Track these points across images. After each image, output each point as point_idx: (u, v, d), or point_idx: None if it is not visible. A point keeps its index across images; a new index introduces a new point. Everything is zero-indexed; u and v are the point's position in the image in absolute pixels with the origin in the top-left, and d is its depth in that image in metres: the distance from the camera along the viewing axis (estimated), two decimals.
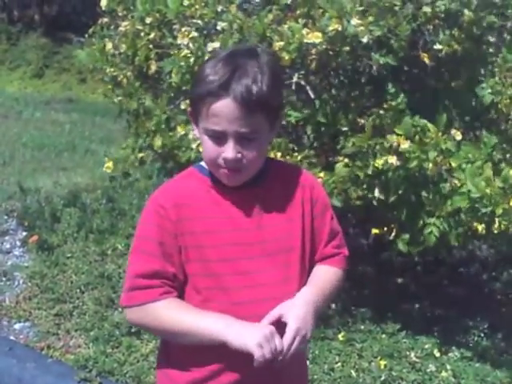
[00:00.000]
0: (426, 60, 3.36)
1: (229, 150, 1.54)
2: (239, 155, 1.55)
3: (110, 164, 3.96)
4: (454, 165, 3.29)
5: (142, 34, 3.75)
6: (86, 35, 4.73)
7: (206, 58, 3.22)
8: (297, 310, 1.59)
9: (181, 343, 1.63)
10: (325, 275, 1.75)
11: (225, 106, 1.50)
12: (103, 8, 4.32)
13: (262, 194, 1.66)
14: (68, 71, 12.00)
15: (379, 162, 3.19)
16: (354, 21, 3.03)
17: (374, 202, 3.32)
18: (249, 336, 1.51)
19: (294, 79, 3.39)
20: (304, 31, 3.05)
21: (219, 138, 1.55)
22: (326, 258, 1.77)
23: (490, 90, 3.54)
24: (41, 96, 10.85)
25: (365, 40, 3.07)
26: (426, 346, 3.85)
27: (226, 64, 1.55)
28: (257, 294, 1.60)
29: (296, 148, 3.40)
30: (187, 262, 1.61)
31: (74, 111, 9.89)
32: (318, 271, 1.75)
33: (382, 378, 3.51)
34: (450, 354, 3.83)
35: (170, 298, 1.60)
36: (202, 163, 1.71)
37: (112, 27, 4.36)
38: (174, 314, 1.59)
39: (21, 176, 6.34)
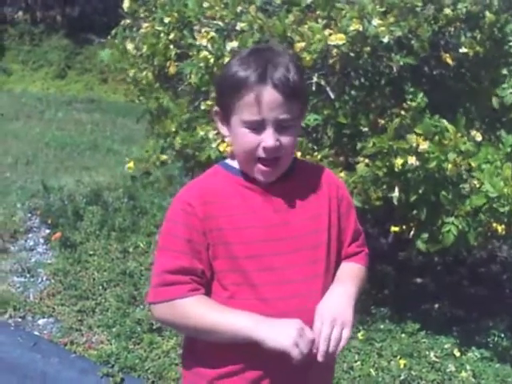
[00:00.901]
0: (449, 61, 3.36)
1: (269, 138, 1.57)
2: (278, 143, 1.58)
3: (132, 164, 4.02)
4: (473, 165, 3.30)
5: (162, 34, 3.80)
6: (108, 36, 4.79)
7: (226, 58, 3.27)
8: (337, 302, 1.62)
9: (207, 340, 1.65)
10: (353, 271, 1.77)
11: (264, 94, 1.54)
12: (125, 10, 4.38)
13: (290, 190, 1.68)
14: (90, 72, 12.11)
15: (399, 162, 3.20)
16: (375, 21, 3.05)
17: (395, 202, 3.33)
18: (282, 336, 1.52)
19: (314, 79, 3.41)
20: (326, 32, 3.07)
21: (258, 127, 1.57)
22: (350, 255, 1.80)
23: (511, 91, 3.54)
24: (63, 96, 10.96)
25: (385, 40, 3.08)
26: (446, 346, 3.86)
27: (256, 57, 1.60)
28: (284, 291, 1.62)
29: (316, 148, 3.41)
30: (215, 259, 1.62)
31: (96, 111, 9.97)
32: (346, 268, 1.77)
33: (402, 378, 3.52)
34: (470, 354, 3.83)
35: (198, 295, 1.61)
36: (227, 161, 1.74)
37: (134, 29, 4.41)
38: (202, 311, 1.60)
39: (44, 175, 6.42)
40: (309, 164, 2.00)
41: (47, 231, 5.14)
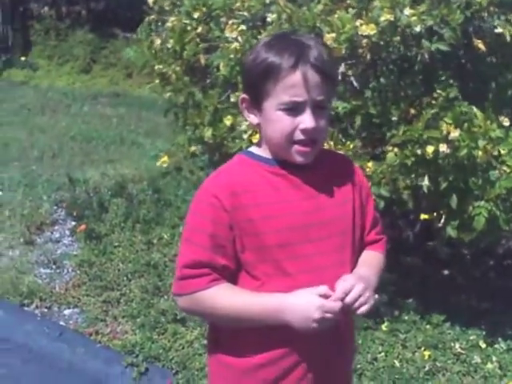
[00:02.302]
0: (481, 46, 3.30)
1: (308, 119, 1.57)
2: (316, 124, 1.58)
3: (166, 158, 4.02)
4: (502, 152, 3.26)
5: (189, 28, 3.79)
6: (134, 35, 4.79)
7: None
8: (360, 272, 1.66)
9: (235, 328, 1.65)
10: (373, 259, 1.79)
11: (305, 75, 1.54)
12: (150, 5, 4.38)
13: (317, 177, 1.67)
14: (114, 66, 12.13)
15: (429, 151, 3.17)
16: (407, 11, 3.01)
17: (425, 190, 3.29)
18: (301, 324, 1.54)
19: (341, 69, 3.38)
20: (357, 23, 3.03)
21: (296, 109, 1.57)
22: (369, 243, 1.81)
23: None
24: (88, 91, 11.00)
25: (417, 30, 3.04)
26: (472, 338, 3.81)
27: (287, 40, 1.62)
28: (315, 278, 1.60)
29: (343, 138, 3.38)
30: (243, 251, 1.61)
31: (121, 105, 10.00)
32: (367, 255, 1.78)
33: (426, 369, 3.49)
34: (496, 346, 3.77)
35: (220, 285, 1.61)
36: (251, 149, 1.73)
37: (159, 23, 4.41)
38: (225, 299, 1.60)
39: (69, 168, 6.46)
40: (330, 152, 2.01)
41: (73, 223, 5.17)
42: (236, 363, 1.69)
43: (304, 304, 1.54)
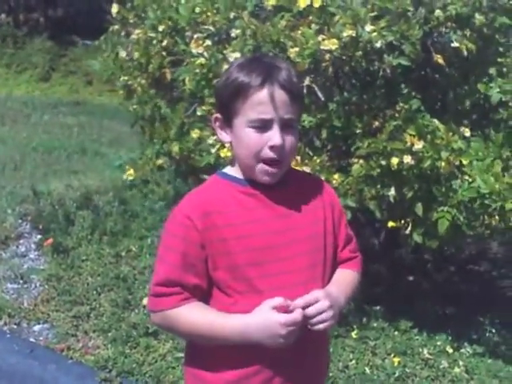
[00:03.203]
0: (440, 61, 3.41)
1: (276, 137, 1.61)
2: (283, 142, 1.62)
3: (132, 171, 4.03)
4: (464, 162, 3.37)
5: (155, 41, 3.81)
6: (96, 42, 4.79)
7: (222, 64, 3.30)
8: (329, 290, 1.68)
9: (208, 345, 1.68)
10: (345, 277, 1.83)
11: (272, 94, 1.59)
12: (113, 15, 4.39)
13: (288, 197, 1.72)
14: (74, 74, 12.08)
15: (394, 162, 3.26)
16: (368, 27, 3.09)
17: (391, 200, 3.39)
18: (269, 342, 1.58)
19: (306, 82, 3.45)
20: (320, 38, 3.11)
21: (264, 127, 1.61)
22: (343, 261, 1.85)
23: (498, 90, 3.60)
24: (48, 99, 10.91)
25: (378, 45, 3.13)
26: (439, 343, 3.91)
27: (258, 62, 1.68)
28: (286, 295, 1.63)
29: (310, 151, 3.45)
30: (215, 270, 1.65)
31: (82, 114, 9.95)
32: (339, 274, 1.82)
33: (396, 375, 3.57)
34: (463, 350, 3.89)
35: (191, 303, 1.65)
36: (225, 170, 1.76)
37: (123, 34, 4.42)
38: (193, 319, 1.64)
39: (33, 179, 6.40)
40: (301, 172, 2.05)
41: (38, 237, 5.12)
42: (210, 378, 1.72)
43: (266, 322, 1.58)
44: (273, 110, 1.59)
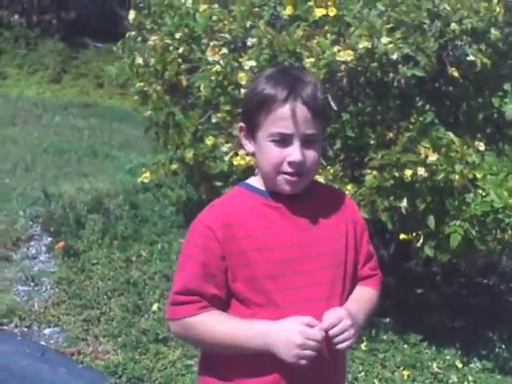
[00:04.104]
0: (455, 74, 3.42)
1: (295, 152, 1.61)
2: (303, 158, 1.62)
3: (148, 174, 4.05)
4: (478, 176, 3.38)
5: (171, 48, 3.83)
6: (113, 47, 4.82)
7: (237, 72, 3.32)
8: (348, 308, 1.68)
9: (223, 354, 1.69)
10: (365, 295, 1.82)
11: (294, 109, 1.60)
12: (130, 21, 4.41)
13: (311, 211, 1.72)
14: (85, 76, 12.11)
15: (408, 174, 3.27)
16: (384, 39, 3.10)
17: (403, 211, 3.39)
18: (286, 352, 1.57)
19: None
20: (335, 49, 3.12)
21: (285, 141, 1.62)
22: (362, 279, 1.84)
23: None
24: (59, 101, 10.94)
25: (394, 57, 3.13)
26: (448, 357, 3.91)
27: (284, 75, 1.68)
28: (305, 310, 1.64)
29: (323, 162, 3.46)
30: (234, 281, 1.66)
31: (92, 116, 9.97)
32: (358, 291, 1.81)
33: None
34: (472, 365, 3.89)
35: (212, 311, 1.65)
36: (249, 181, 1.77)
37: (139, 40, 4.45)
38: (212, 326, 1.64)
39: (44, 181, 6.41)
40: (326, 186, 2.04)
41: (49, 239, 5.14)
42: None
43: (287, 330, 1.58)
44: (293, 126, 1.60)
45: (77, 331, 3.87)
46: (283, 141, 1.61)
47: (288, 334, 1.57)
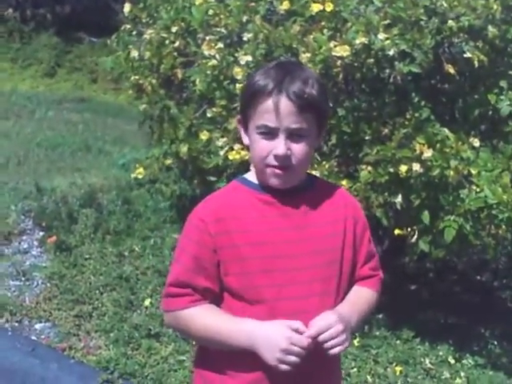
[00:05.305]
0: (451, 71, 3.41)
1: (280, 146, 1.60)
2: (289, 152, 1.61)
3: (141, 170, 4.03)
4: (473, 172, 3.37)
5: (167, 42, 3.81)
6: (107, 40, 4.79)
7: (233, 67, 3.30)
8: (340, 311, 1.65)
9: (218, 348, 1.68)
10: (361, 296, 1.79)
11: (279, 103, 1.59)
12: (126, 14, 4.38)
13: (307, 207, 1.70)
14: (79, 70, 12.05)
15: (403, 169, 3.26)
16: (381, 35, 3.09)
17: (398, 207, 3.39)
18: (269, 355, 1.56)
19: None
20: (331, 44, 3.10)
21: (270, 134, 1.61)
22: (362, 278, 1.81)
23: (508, 102, 3.61)
24: (53, 95, 10.88)
25: (391, 53, 3.12)
26: (441, 353, 3.91)
27: (277, 69, 1.66)
28: (295, 306, 1.64)
29: (318, 157, 3.45)
30: (226, 275, 1.65)
31: (86, 111, 9.92)
32: (354, 292, 1.79)
33: None
34: (464, 361, 3.89)
35: (203, 305, 1.65)
36: (246, 176, 1.76)
37: (134, 33, 4.42)
38: (201, 320, 1.65)
39: (36, 176, 6.37)
40: (327, 183, 2.01)
41: (41, 233, 5.11)
42: (218, 382, 1.72)
43: (274, 333, 1.57)
44: (276, 119, 1.59)
45: (68, 326, 3.84)
46: (269, 133, 1.61)
47: (274, 337, 1.57)
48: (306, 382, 1.67)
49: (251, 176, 1.74)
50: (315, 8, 3.37)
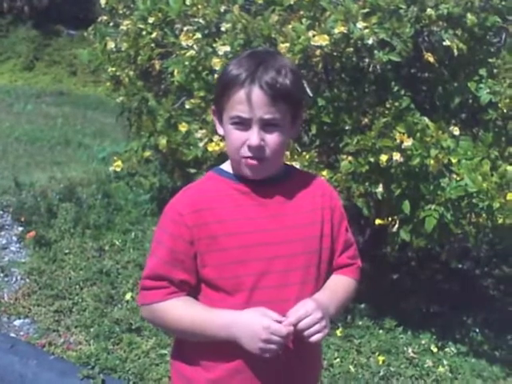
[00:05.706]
0: (431, 59, 3.39)
1: (253, 137, 1.59)
2: (262, 142, 1.59)
3: (119, 163, 3.98)
4: (453, 161, 3.37)
5: (144, 33, 3.76)
6: (79, 32, 4.73)
7: (211, 58, 3.27)
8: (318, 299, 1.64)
9: (194, 341, 1.67)
10: (339, 284, 1.79)
11: (251, 93, 1.57)
12: (102, 6, 4.33)
13: (284, 196, 1.70)
14: (58, 64, 11.95)
15: (383, 159, 3.25)
16: (360, 23, 3.07)
17: (379, 197, 3.38)
18: (251, 343, 1.55)
19: None
20: (310, 33, 3.08)
21: (244, 124, 1.59)
22: (340, 267, 1.81)
23: (488, 90, 3.60)
24: (31, 89, 10.79)
25: (370, 42, 3.10)
26: (423, 342, 3.92)
27: (250, 59, 1.64)
28: (275, 295, 1.63)
29: (298, 148, 3.42)
30: (204, 267, 1.64)
31: (66, 104, 9.85)
32: (333, 280, 1.78)
33: (381, 374, 3.57)
34: (447, 350, 3.90)
35: (180, 297, 1.64)
36: (222, 166, 1.75)
37: (111, 24, 4.36)
38: (178, 312, 1.63)
39: (15, 170, 6.29)
40: (305, 173, 2.01)
41: (20, 229, 5.04)
42: (192, 376, 1.71)
43: (252, 323, 1.56)
44: (249, 110, 1.58)
45: (48, 322, 3.79)
46: (242, 124, 1.60)
47: (253, 328, 1.56)
48: (286, 367, 1.67)
49: (227, 166, 1.73)
50: None
